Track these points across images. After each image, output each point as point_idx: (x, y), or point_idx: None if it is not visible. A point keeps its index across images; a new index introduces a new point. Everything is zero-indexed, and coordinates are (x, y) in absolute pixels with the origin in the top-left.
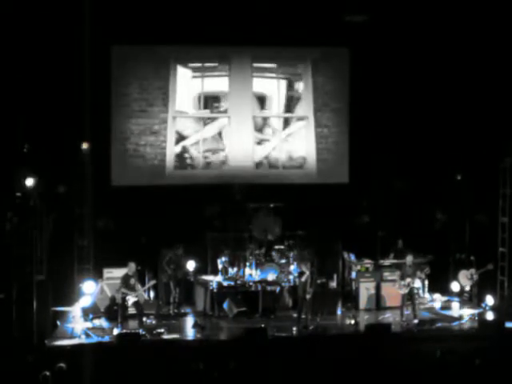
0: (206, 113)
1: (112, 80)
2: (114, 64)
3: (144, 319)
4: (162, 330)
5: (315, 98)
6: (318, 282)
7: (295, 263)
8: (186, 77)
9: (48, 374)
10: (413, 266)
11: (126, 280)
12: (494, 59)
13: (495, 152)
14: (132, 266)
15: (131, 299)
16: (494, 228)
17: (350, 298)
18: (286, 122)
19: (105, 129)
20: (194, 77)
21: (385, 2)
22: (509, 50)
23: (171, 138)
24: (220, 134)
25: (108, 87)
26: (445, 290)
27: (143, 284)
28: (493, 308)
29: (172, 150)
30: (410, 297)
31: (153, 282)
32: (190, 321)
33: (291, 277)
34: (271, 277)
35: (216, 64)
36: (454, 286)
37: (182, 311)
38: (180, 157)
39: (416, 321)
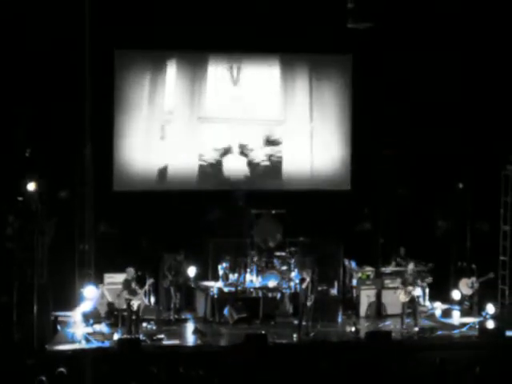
0: None
1: (115, 84)
2: (117, 68)
3: (144, 325)
4: (163, 336)
5: (317, 105)
6: (319, 289)
7: (296, 270)
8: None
9: (44, 378)
10: (414, 274)
11: (127, 285)
12: (497, 67)
13: (497, 160)
14: (131, 271)
15: (135, 303)
16: (495, 236)
17: (350, 305)
18: None
19: (107, 133)
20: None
21: (388, 9)
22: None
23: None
24: None
25: (111, 91)
26: (445, 298)
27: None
28: (493, 316)
29: (174, 155)
30: (412, 304)
31: (151, 281)
32: (190, 327)
33: (292, 283)
34: (272, 283)
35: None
36: (455, 295)
37: (183, 317)
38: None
39: (416, 329)
